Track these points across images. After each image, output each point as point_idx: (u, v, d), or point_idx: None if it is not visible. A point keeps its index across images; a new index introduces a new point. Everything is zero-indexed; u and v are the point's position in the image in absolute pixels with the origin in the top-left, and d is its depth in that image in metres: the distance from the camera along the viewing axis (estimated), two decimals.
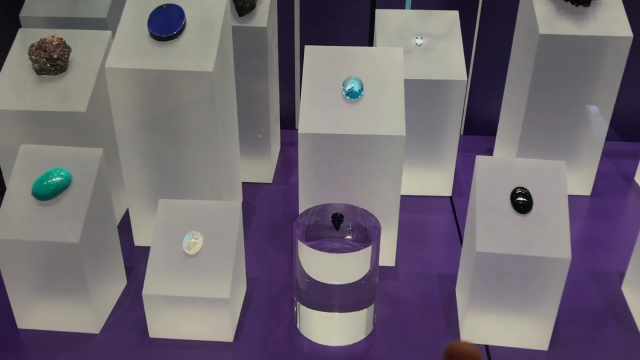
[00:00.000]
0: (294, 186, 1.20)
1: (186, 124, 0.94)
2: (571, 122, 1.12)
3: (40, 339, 0.87)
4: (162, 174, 0.98)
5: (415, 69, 1.10)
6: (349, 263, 0.81)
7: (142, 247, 1.04)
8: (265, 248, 1.05)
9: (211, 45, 0.92)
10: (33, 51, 0.96)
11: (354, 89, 0.92)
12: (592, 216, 1.14)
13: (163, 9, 0.94)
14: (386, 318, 0.91)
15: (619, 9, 1.07)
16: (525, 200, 0.82)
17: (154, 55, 0.91)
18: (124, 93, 0.92)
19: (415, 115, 1.11)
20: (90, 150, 0.87)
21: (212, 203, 0.89)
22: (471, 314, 0.85)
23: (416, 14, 1.16)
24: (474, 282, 0.83)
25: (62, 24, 1.12)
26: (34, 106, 0.95)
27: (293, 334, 0.88)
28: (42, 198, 0.83)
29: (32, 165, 0.86)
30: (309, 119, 0.91)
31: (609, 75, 1.07)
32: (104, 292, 0.90)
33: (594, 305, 0.94)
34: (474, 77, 1.37)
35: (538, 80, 1.08)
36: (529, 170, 0.85)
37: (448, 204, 1.17)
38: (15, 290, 0.86)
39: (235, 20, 1.09)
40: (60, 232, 0.82)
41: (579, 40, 1.05)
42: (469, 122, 1.41)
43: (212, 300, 0.84)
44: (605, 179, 1.23)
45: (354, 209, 0.87)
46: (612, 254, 1.04)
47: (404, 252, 1.03)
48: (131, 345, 0.86)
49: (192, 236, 0.86)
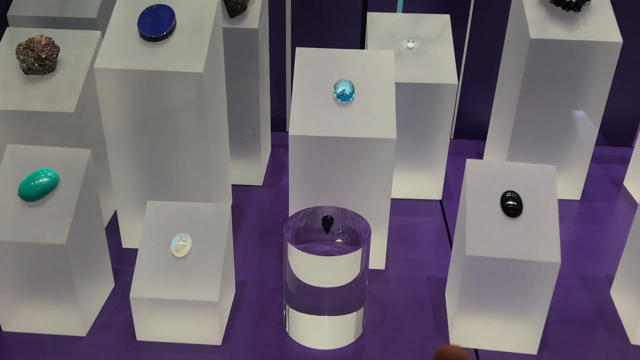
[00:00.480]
0: (284, 189, 1.20)
1: (176, 125, 0.93)
2: (561, 127, 1.13)
3: (25, 342, 0.86)
4: (151, 175, 0.97)
5: (406, 72, 1.10)
6: (339, 266, 0.81)
7: (130, 249, 1.03)
8: (255, 251, 1.05)
9: (201, 46, 0.91)
10: (21, 50, 0.95)
11: (345, 92, 0.92)
12: (581, 220, 1.15)
13: (153, 10, 0.94)
14: (376, 321, 0.90)
15: (608, 15, 1.08)
16: (515, 204, 0.82)
17: (143, 56, 0.91)
18: (113, 94, 0.91)
19: (406, 119, 1.11)
20: (78, 151, 0.86)
21: (202, 205, 0.89)
22: (461, 317, 0.85)
23: (408, 17, 1.16)
24: (463, 285, 0.83)
25: (51, 24, 1.11)
26: (21, 106, 0.94)
27: (282, 337, 0.88)
28: (29, 199, 0.82)
29: (19, 165, 0.85)
30: (300, 121, 0.91)
31: (598, 80, 1.08)
32: (91, 294, 0.89)
33: (583, 310, 0.94)
34: (464, 80, 1.37)
35: (528, 85, 1.09)
36: (519, 174, 0.85)
37: (438, 208, 1.17)
38: (1, 292, 0.85)
39: (226, 22, 1.08)
40: (47, 234, 0.81)
41: (569, 45, 1.05)
42: (459, 126, 1.41)
43: (200, 303, 0.83)
44: (595, 183, 1.24)
45: (345, 212, 0.87)
46: (601, 258, 1.05)
47: (394, 255, 1.03)
48: (118, 348, 0.86)
49: (180, 238, 0.85)
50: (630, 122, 1.37)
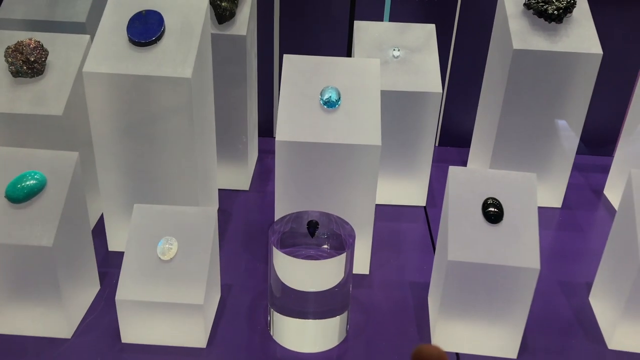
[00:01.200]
0: (271, 194, 1.21)
1: (164, 129, 0.94)
2: (543, 135, 1.15)
3: (9, 343, 0.86)
4: (138, 179, 0.98)
5: (391, 80, 1.11)
6: (323, 270, 0.82)
7: (116, 252, 1.04)
8: (241, 254, 1.06)
9: (190, 51, 0.92)
10: (9, 53, 0.95)
11: (332, 99, 0.94)
12: (562, 228, 1.17)
13: (142, 15, 0.95)
14: (359, 325, 0.92)
15: (589, 27, 1.10)
16: (496, 210, 0.84)
17: (132, 61, 0.91)
18: (102, 97, 0.92)
19: (390, 126, 1.13)
20: (66, 154, 0.87)
21: (188, 209, 0.89)
22: (442, 321, 0.87)
23: (394, 26, 1.17)
24: (445, 290, 0.84)
25: (40, 27, 1.11)
26: (9, 108, 0.94)
27: (266, 341, 0.89)
28: (16, 201, 0.83)
29: (6, 167, 0.85)
30: (287, 127, 0.92)
31: (579, 90, 1.10)
32: (77, 296, 0.90)
33: (562, 315, 0.96)
34: (449, 89, 1.39)
35: (511, 94, 1.11)
36: (500, 181, 0.87)
37: (422, 214, 1.19)
38: None
39: (215, 28, 1.09)
40: (33, 236, 0.81)
41: (551, 55, 1.07)
42: (443, 134, 1.43)
43: (185, 306, 0.84)
44: (576, 191, 1.26)
45: (329, 217, 0.88)
46: (581, 265, 1.07)
47: (378, 260, 1.04)
48: (103, 350, 0.86)
49: (166, 241, 0.86)
50: (611, 131, 1.39)
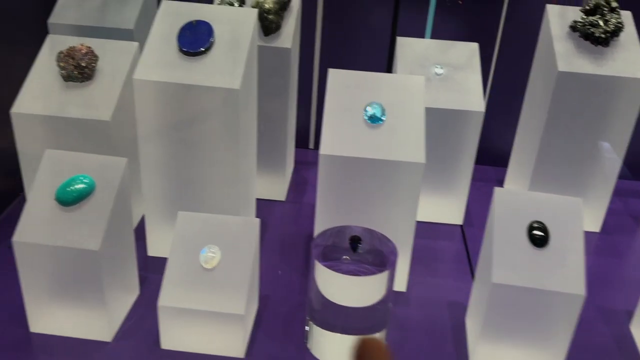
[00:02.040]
0: (307, 205, 1.21)
1: (209, 138, 0.95)
2: (585, 159, 1.14)
3: (51, 343, 0.88)
4: (181, 185, 0.99)
5: (433, 97, 1.11)
6: (366, 286, 0.82)
7: (155, 257, 1.05)
8: (277, 265, 1.06)
9: (238, 62, 0.93)
10: (61, 58, 0.97)
11: (376, 114, 0.94)
12: (601, 253, 1.15)
13: (192, 25, 0.96)
14: (397, 342, 0.91)
15: (636, 51, 1.09)
16: (542, 234, 0.84)
17: (181, 70, 0.93)
18: (150, 104, 0.93)
19: (431, 143, 1.12)
20: (115, 159, 0.88)
21: (231, 218, 0.90)
22: (483, 344, 0.86)
23: (437, 43, 1.17)
24: (487, 312, 0.83)
25: (90, 33, 1.13)
26: (59, 112, 0.96)
27: (303, 353, 0.89)
28: (65, 204, 0.84)
29: (56, 170, 0.87)
30: (331, 141, 0.92)
31: (624, 114, 1.09)
32: (118, 300, 0.91)
33: (602, 343, 0.94)
34: (488, 108, 1.38)
35: (554, 116, 1.10)
36: (545, 204, 0.87)
37: (458, 232, 1.18)
38: (31, 293, 0.86)
39: (260, 40, 1.10)
40: (81, 239, 0.82)
41: (596, 79, 1.07)
42: (480, 152, 1.42)
43: (226, 315, 0.84)
44: (615, 216, 1.24)
45: (372, 233, 0.88)
46: (620, 292, 1.05)
47: (414, 277, 1.04)
48: (143, 355, 0.87)
49: (209, 250, 0.87)
50: None
